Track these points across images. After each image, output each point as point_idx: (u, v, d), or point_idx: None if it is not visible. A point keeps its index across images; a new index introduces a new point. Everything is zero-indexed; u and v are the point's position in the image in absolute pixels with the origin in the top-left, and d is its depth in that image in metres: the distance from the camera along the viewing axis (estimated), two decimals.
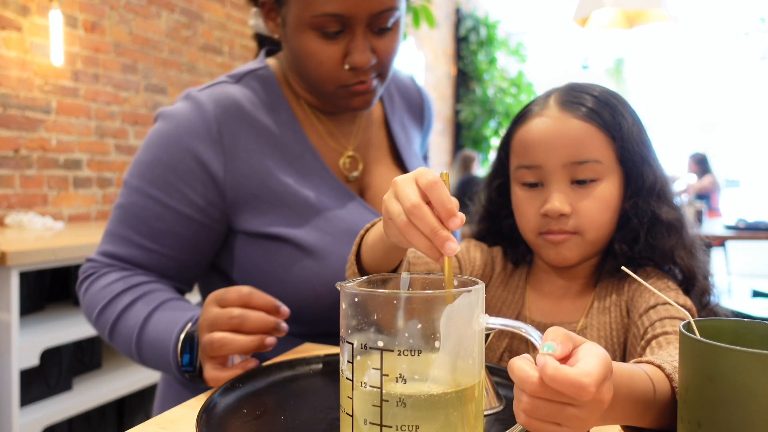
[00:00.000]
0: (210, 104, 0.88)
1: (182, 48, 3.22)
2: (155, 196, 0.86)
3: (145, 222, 0.87)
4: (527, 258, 0.89)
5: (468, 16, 7.22)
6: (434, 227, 0.49)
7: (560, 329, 0.43)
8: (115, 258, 0.89)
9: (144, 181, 0.87)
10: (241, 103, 0.90)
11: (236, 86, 0.92)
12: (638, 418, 0.53)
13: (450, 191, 0.52)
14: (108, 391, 2.08)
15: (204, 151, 0.86)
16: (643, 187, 0.79)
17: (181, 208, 0.86)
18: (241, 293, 0.70)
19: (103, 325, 0.86)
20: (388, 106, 1.07)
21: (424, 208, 0.50)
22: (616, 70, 9.59)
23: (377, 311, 0.45)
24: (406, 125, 1.10)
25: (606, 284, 0.82)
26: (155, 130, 0.89)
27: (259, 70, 0.96)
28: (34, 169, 2.49)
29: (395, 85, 1.11)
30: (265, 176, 0.88)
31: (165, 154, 0.86)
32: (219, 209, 0.88)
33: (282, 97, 0.94)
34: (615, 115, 0.78)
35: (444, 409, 0.44)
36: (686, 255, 0.78)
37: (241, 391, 0.66)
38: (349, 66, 0.85)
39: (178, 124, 0.87)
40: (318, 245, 0.87)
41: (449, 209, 0.50)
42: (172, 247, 0.88)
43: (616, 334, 0.78)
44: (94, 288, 0.88)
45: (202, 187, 0.86)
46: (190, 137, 0.86)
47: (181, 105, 0.89)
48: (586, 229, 0.77)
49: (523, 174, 0.81)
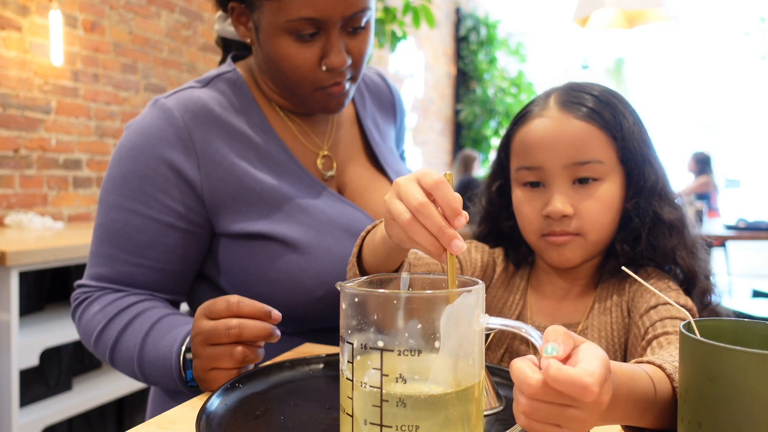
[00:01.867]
0: (178, 110, 0.87)
1: (182, 48, 3.22)
2: (134, 209, 0.85)
3: (129, 237, 0.86)
4: (528, 259, 0.89)
5: (468, 16, 7.22)
6: (441, 225, 0.50)
7: (560, 328, 0.43)
8: (105, 279, 0.88)
9: (120, 196, 0.86)
10: (210, 106, 0.89)
11: (204, 90, 0.92)
12: (639, 418, 0.53)
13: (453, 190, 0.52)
14: (108, 391, 2.08)
15: (177, 157, 0.85)
16: (644, 187, 0.79)
17: (162, 217, 0.85)
18: (230, 303, 0.69)
19: (102, 351, 0.85)
20: (359, 104, 1.07)
21: (431, 207, 0.51)
22: (616, 70, 9.60)
23: (377, 311, 0.45)
24: (379, 122, 1.10)
25: (607, 285, 0.82)
26: (124, 143, 0.88)
27: (226, 73, 0.95)
28: (34, 169, 2.49)
29: (364, 83, 1.11)
30: (242, 176, 0.87)
31: (137, 165, 0.85)
32: (200, 214, 0.87)
33: (252, 100, 0.94)
34: (616, 115, 0.78)
35: (444, 409, 0.44)
36: (687, 255, 0.78)
37: (241, 391, 0.66)
38: (326, 67, 0.85)
39: (148, 134, 0.86)
40: (301, 239, 0.87)
41: (455, 208, 0.51)
42: (159, 259, 0.87)
43: (618, 334, 0.78)
44: (87, 314, 0.86)
45: (180, 193, 0.85)
46: (162, 145, 0.85)
47: (149, 114, 0.88)
48: (588, 230, 0.77)
49: (524, 175, 0.80)
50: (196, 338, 0.70)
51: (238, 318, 0.68)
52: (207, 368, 0.69)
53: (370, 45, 0.90)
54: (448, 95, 7.13)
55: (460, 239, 0.50)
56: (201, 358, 0.70)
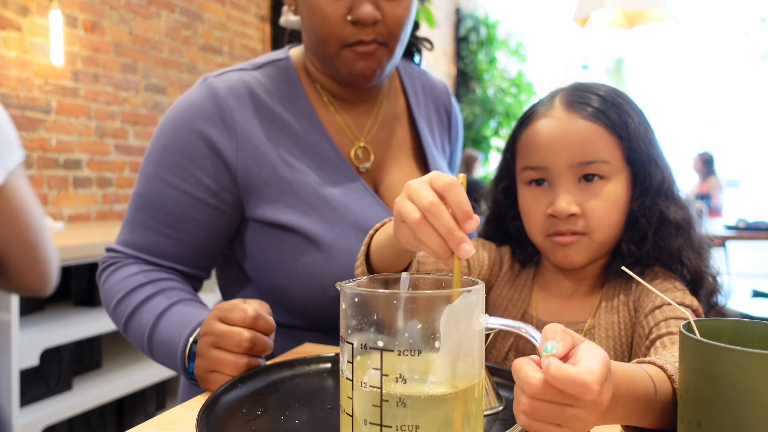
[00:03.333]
0: (225, 90, 0.89)
1: (182, 48, 3.22)
2: (170, 182, 0.87)
3: (162, 208, 0.88)
4: (535, 258, 0.89)
5: (468, 16, 7.22)
6: (450, 227, 0.50)
7: (558, 325, 0.43)
8: (135, 246, 0.90)
9: (158, 167, 0.88)
10: (256, 91, 0.91)
11: (254, 75, 0.93)
12: (639, 418, 0.53)
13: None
14: (108, 391, 2.08)
15: (217, 135, 0.87)
16: (650, 187, 0.78)
17: (196, 192, 0.87)
18: (247, 316, 0.69)
19: (119, 318, 0.87)
20: (413, 101, 1.06)
21: (442, 208, 0.50)
22: (616, 70, 9.60)
23: (377, 311, 0.45)
24: (434, 126, 1.09)
25: (614, 284, 0.81)
26: (169, 116, 0.90)
27: (279, 60, 0.97)
28: (34, 169, 2.49)
29: (421, 83, 1.10)
30: (277, 163, 0.89)
31: (178, 138, 0.88)
32: (232, 194, 0.88)
33: (300, 88, 0.95)
34: (621, 115, 0.78)
35: (444, 409, 0.44)
36: (694, 255, 0.78)
37: (241, 391, 0.66)
38: (352, 18, 0.85)
39: (192, 110, 0.88)
40: (325, 237, 0.87)
41: (466, 211, 0.50)
42: (189, 233, 0.88)
43: (625, 334, 0.78)
44: (112, 280, 0.88)
45: (215, 171, 0.87)
46: (203, 122, 0.87)
47: (196, 90, 0.91)
48: (594, 230, 0.77)
49: (530, 175, 0.80)
50: (204, 337, 0.71)
51: (251, 331, 0.69)
52: (209, 369, 0.70)
53: (410, 14, 0.89)
54: None
55: (469, 243, 0.50)
56: (205, 358, 0.70)
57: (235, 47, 3.59)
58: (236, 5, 3.60)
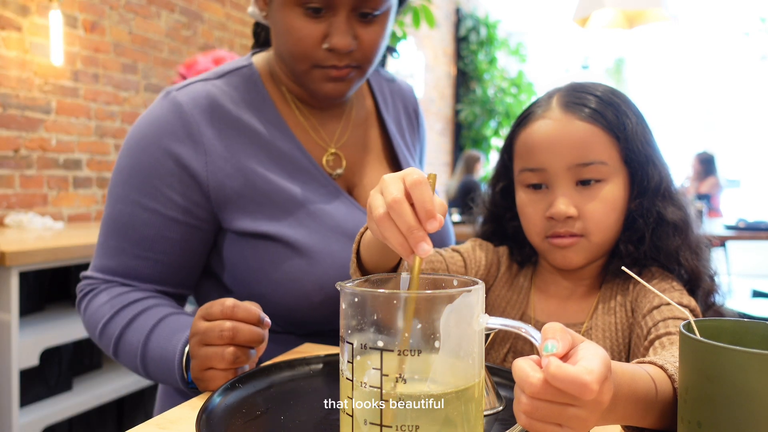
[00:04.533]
0: (189, 103, 0.86)
1: (182, 48, 3.22)
2: (141, 202, 0.85)
3: (135, 230, 0.85)
4: (533, 259, 0.89)
5: (468, 16, 7.22)
6: (411, 225, 0.50)
7: (557, 324, 0.43)
8: (111, 272, 0.88)
9: (127, 188, 0.86)
10: (221, 101, 0.89)
11: (218, 84, 0.91)
12: (640, 419, 0.53)
13: (436, 192, 0.52)
14: (108, 391, 2.08)
15: (184, 151, 0.85)
16: (648, 188, 0.78)
17: (167, 211, 0.85)
18: (225, 306, 0.70)
19: (106, 343, 0.85)
20: (382, 105, 1.06)
21: (405, 205, 0.50)
22: (616, 71, 9.60)
23: (377, 311, 0.45)
24: (403, 127, 1.09)
25: (611, 285, 0.81)
26: (133, 134, 0.88)
27: (242, 68, 0.94)
28: (34, 169, 2.49)
29: (389, 87, 1.10)
30: (250, 174, 0.87)
31: (145, 157, 0.85)
32: (205, 209, 0.87)
33: (266, 95, 0.93)
34: (619, 115, 0.77)
35: (444, 409, 0.44)
36: (691, 256, 0.78)
37: (241, 391, 0.66)
38: (328, 46, 0.84)
39: (157, 127, 0.86)
40: (306, 243, 0.87)
41: (429, 210, 0.50)
42: (165, 253, 0.86)
43: (622, 335, 0.78)
44: (93, 306, 0.86)
45: (185, 187, 0.85)
46: (169, 139, 0.85)
47: (159, 106, 0.88)
48: (592, 231, 0.77)
49: (528, 177, 0.80)
50: (192, 339, 0.71)
51: (231, 321, 0.69)
52: (202, 368, 0.70)
53: (384, 39, 0.88)
54: (448, 95, 7.13)
55: (428, 243, 0.49)
56: (196, 358, 0.70)
57: (235, 47, 3.59)
58: (236, 5, 3.60)
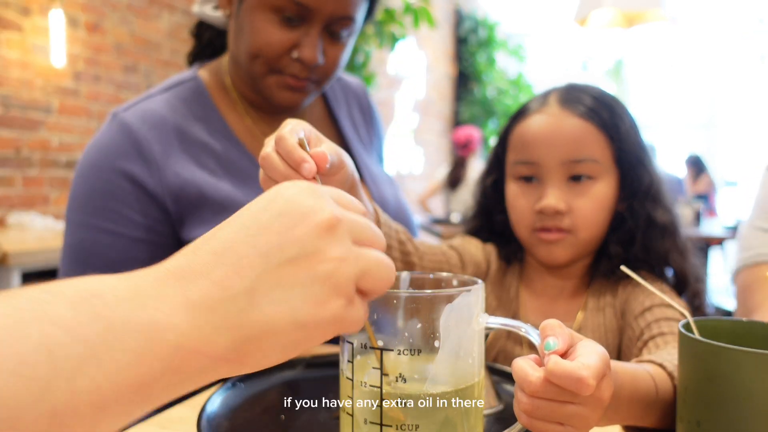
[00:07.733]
0: (137, 123, 0.87)
1: (183, 49, 3.22)
2: (101, 227, 0.84)
3: (98, 256, 0.84)
4: (518, 255, 0.89)
5: (468, 17, 7.22)
6: (284, 173, 0.51)
7: (555, 321, 0.43)
8: None
9: (86, 214, 0.85)
10: (169, 116, 0.89)
11: (164, 98, 0.91)
12: (641, 418, 0.53)
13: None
14: None
15: (137, 170, 0.85)
16: (638, 189, 0.79)
17: (129, 232, 0.84)
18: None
19: None
20: (334, 104, 1.06)
21: (273, 155, 0.52)
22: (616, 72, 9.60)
23: (377, 311, 0.45)
24: (357, 124, 1.09)
25: (600, 285, 0.82)
26: (84, 161, 0.88)
27: (187, 81, 0.95)
28: (36, 170, 2.50)
29: (339, 85, 1.10)
30: (203, 186, 0.87)
31: (99, 181, 0.85)
32: (166, 224, 0.86)
33: (212, 107, 0.93)
34: (613, 116, 0.79)
35: (444, 409, 0.44)
36: (679, 258, 0.79)
37: (241, 391, 0.66)
38: (297, 56, 0.84)
39: (107, 150, 0.86)
40: None
41: (295, 158, 0.51)
42: None
43: (611, 335, 0.79)
44: None
45: (143, 206, 0.85)
46: (121, 160, 0.85)
47: (107, 129, 0.88)
48: (579, 228, 0.78)
49: (520, 170, 0.81)
50: None
51: None
52: None
53: (345, 58, 0.90)
54: (448, 96, 7.14)
55: (309, 162, 0.51)
56: None
57: None
58: None
